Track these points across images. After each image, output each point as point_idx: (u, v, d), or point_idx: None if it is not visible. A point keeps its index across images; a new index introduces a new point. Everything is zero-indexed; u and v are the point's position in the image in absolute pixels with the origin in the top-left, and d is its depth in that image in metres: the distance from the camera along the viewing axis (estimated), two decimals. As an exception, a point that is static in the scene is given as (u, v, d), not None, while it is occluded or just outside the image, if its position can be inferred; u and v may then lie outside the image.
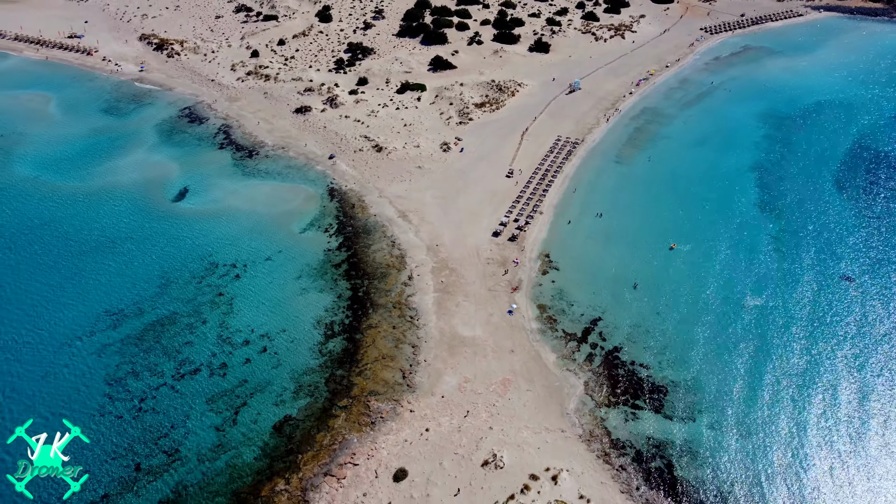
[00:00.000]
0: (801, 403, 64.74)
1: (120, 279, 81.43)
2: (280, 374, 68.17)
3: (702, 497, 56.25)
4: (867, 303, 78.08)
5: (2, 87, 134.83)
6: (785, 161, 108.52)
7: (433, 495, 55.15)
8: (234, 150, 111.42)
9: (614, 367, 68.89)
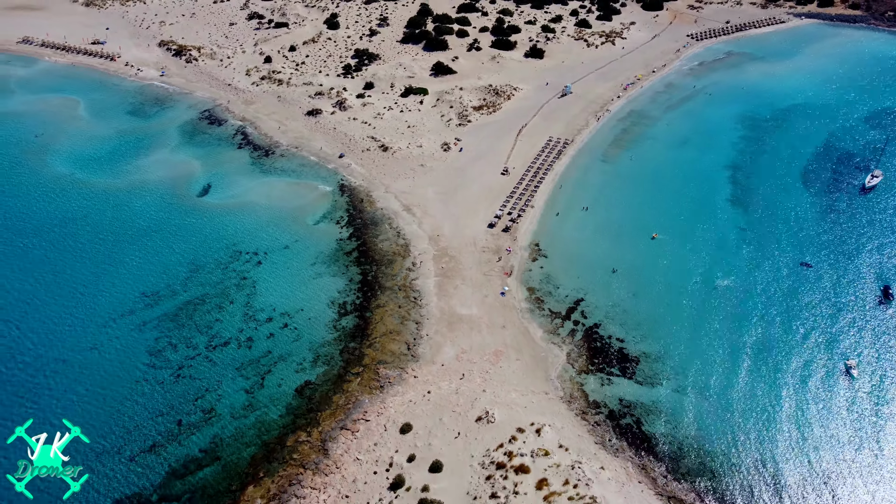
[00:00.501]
0: (753, 371, 73.61)
1: (154, 265, 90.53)
2: (300, 346, 77.31)
3: (663, 448, 65.21)
4: (821, 286, 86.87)
5: (34, 90, 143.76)
6: (757, 160, 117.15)
7: (434, 444, 64.20)
8: (251, 150, 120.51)
9: (593, 341, 77.93)
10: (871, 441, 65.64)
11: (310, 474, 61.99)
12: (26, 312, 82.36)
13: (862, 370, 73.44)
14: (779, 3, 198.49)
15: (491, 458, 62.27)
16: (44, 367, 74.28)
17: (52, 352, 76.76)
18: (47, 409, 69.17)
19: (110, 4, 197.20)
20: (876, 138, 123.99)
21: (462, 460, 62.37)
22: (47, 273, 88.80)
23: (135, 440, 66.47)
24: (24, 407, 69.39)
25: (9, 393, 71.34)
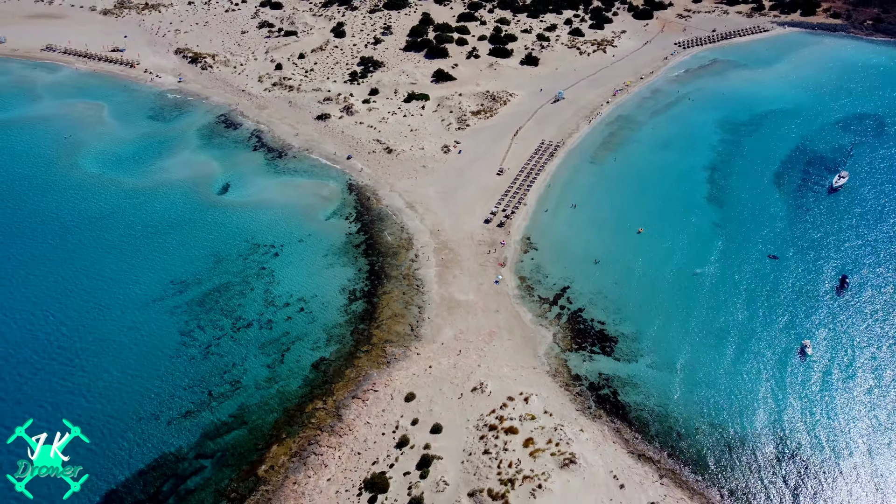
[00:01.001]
0: (718, 350, 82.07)
1: (181, 257, 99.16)
2: (315, 327, 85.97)
3: (636, 414, 73.77)
4: (785, 276, 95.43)
5: (60, 96, 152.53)
6: (734, 161, 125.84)
7: (434, 410, 72.84)
8: (265, 152, 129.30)
9: (577, 323, 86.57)
10: (818, 409, 74.10)
11: (326, 435, 70.64)
12: (69, 298, 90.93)
13: (815, 349, 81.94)
14: (764, 12, 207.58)
15: (484, 421, 70.92)
16: (90, 347, 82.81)
17: (93, 333, 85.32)
18: (83, 385, 77.66)
19: (127, 13, 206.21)
20: (846, 141, 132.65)
21: (459, 423, 71.03)
22: (87, 263, 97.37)
23: (171, 408, 75.01)
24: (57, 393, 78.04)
25: (46, 381, 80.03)
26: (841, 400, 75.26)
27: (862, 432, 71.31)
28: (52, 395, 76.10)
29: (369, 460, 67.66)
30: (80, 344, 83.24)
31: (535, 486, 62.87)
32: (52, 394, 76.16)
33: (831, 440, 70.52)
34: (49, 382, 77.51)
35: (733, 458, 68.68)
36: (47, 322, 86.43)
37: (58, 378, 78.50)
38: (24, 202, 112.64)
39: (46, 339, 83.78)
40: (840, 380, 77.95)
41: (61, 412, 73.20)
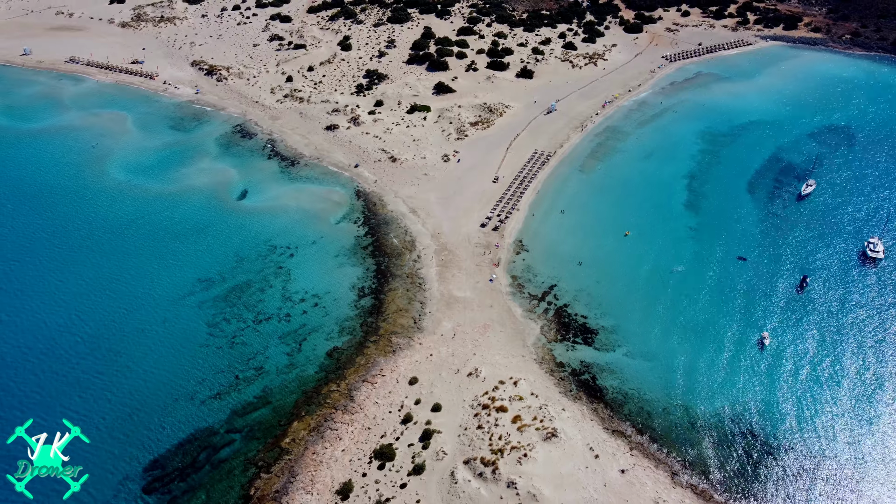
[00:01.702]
0: (687, 341, 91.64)
1: (205, 257, 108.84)
2: (328, 320, 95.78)
3: (612, 396, 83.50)
4: (752, 276, 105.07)
5: (86, 106, 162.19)
6: (711, 170, 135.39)
7: (435, 392, 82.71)
8: (279, 160, 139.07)
9: (562, 317, 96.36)
10: (771, 393, 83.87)
11: (340, 413, 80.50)
12: (105, 295, 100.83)
13: (772, 342, 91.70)
14: (748, 26, 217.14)
15: (478, 401, 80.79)
16: (130, 337, 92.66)
17: (130, 324, 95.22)
18: (126, 370, 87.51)
19: (144, 26, 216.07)
20: (816, 151, 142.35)
21: (456, 403, 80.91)
22: (123, 263, 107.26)
23: (204, 390, 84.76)
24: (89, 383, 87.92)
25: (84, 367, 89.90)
26: (791, 385, 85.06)
27: (807, 411, 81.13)
28: (99, 379, 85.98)
29: (378, 434, 77.57)
30: (121, 335, 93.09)
31: (521, 454, 72.75)
32: (99, 377, 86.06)
33: (781, 418, 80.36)
34: (94, 368, 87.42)
35: (693, 434, 78.49)
36: (91, 316, 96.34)
37: (104, 362, 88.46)
38: (59, 207, 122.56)
39: (91, 332, 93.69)
40: (792, 367, 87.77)
41: (110, 392, 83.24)
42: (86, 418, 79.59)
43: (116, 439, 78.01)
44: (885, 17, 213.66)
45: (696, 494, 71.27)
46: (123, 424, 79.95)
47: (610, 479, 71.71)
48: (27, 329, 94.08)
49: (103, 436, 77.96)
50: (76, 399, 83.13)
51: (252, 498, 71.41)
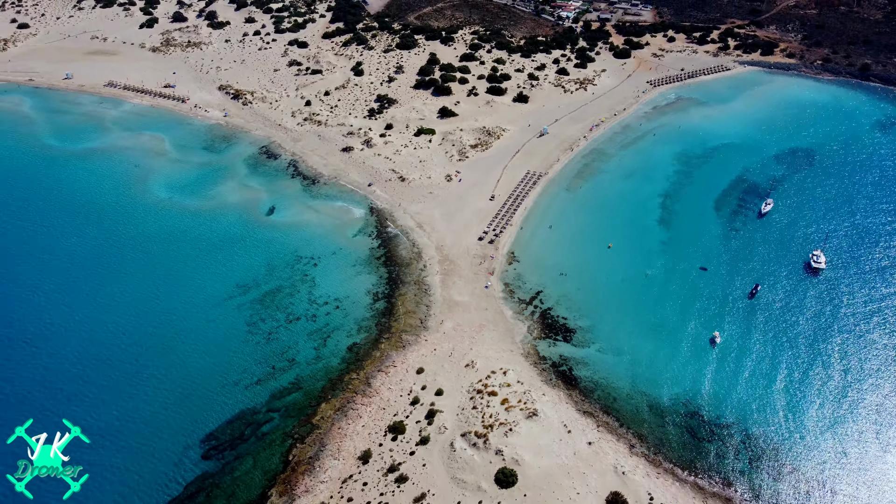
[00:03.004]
0: (650, 339, 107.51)
1: (242, 266, 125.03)
2: (348, 320, 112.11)
3: (585, 384, 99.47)
4: (711, 284, 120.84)
5: (126, 128, 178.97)
6: (684, 189, 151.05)
7: (438, 379, 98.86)
8: (301, 179, 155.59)
9: (546, 319, 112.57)
10: (718, 381, 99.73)
11: (359, 396, 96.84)
12: (157, 300, 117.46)
13: (723, 341, 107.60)
14: (728, 52, 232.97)
15: (474, 387, 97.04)
16: (180, 335, 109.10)
17: (180, 324, 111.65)
18: (181, 364, 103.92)
19: (173, 50, 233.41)
20: (777, 172, 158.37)
21: (455, 388, 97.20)
22: (170, 271, 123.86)
23: (246, 378, 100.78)
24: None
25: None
26: (735, 376, 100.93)
27: (746, 397, 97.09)
28: (159, 370, 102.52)
29: (391, 413, 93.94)
30: (173, 333, 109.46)
31: (507, 429, 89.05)
32: (159, 369, 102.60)
33: (724, 403, 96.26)
34: (153, 362, 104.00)
35: (650, 415, 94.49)
36: (146, 318, 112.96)
37: (161, 355, 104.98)
38: (111, 222, 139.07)
39: (147, 331, 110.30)
40: (737, 361, 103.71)
41: (169, 381, 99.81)
42: (150, 401, 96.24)
43: (177, 417, 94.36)
44: (854, 43, 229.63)
45: (648, 462, 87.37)
46: (181, 406, 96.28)
47: (579, 449, 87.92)
48: (88, 331, 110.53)
49: (169, 413, 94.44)
50: (141, 388, 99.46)
51: (290, 463, 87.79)
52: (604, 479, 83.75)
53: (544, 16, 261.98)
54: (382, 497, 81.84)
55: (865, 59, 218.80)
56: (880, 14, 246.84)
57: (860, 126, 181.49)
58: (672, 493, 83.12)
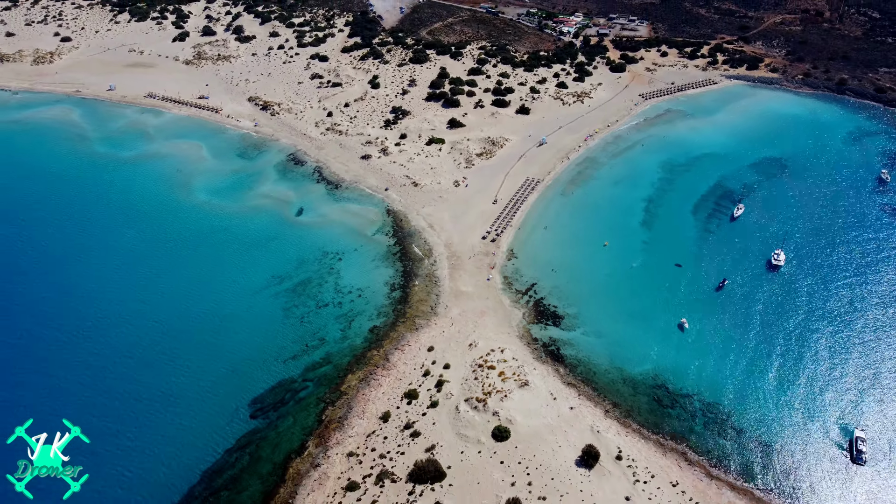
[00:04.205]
0: (629, 324, 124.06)
1: (276, 260, 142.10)
2: (369, 307, 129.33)
3: (570, 361, 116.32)
4: (684, 279, 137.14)
5: (167, 136, 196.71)
6: (666, 195, 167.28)
7: (446, 356, 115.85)
8: (325, 184, 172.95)
9: (539, 307, 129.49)
10: (684, 361, 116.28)
11: (380, 369, 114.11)
12: (207, 289, 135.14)
13: (690, 326, 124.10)
14: (716, 66, 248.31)
15: (476, 362, 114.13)
16: (227, 318, 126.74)
17: (225, 310, 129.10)
18: (230, 341, 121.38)
19: (204, 63, 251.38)
20: (751, 179, 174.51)
21: (461, 363, 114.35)
22: (212, 265, 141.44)
23: (284, 354, 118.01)
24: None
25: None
26: (699, 356, 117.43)
27: (707, 373, 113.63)
28: (209, 350, 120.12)
29: (406, 383, 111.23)
30: (220, 318, 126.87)
31: (503, 396, 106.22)
32: (209, 349, 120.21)
33: (688, 378, 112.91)
34: (205, 341, 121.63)
35: (624, 387, 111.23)
36: (196, 304, 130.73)
37: (212, 335, 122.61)
38: (158, 221, 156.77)
39: (196, 315, 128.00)
40: (701, 344, 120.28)
41: (218, 358, 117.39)
42: (205, 372, 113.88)
43: (228, 386, 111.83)
44: (833, 59, 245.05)
45: (620, 424, 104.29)
46: (231, 377, 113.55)
47: (562, 412, 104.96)
48: (144, 315, 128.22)
49: (222, 383, 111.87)
50: (196, 363, 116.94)
51: (324, 421, 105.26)
52: (581, 435, 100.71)
53: (547, 31, 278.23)
54: (400, 447, 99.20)
55: (843, 74, 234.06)
56: (860, 31, 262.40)
57: (831, 137, 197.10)
58: (638, 448, 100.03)
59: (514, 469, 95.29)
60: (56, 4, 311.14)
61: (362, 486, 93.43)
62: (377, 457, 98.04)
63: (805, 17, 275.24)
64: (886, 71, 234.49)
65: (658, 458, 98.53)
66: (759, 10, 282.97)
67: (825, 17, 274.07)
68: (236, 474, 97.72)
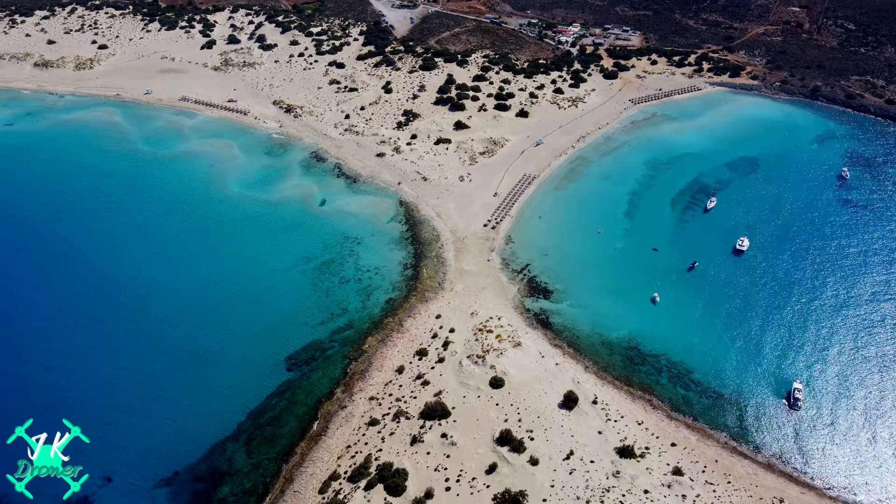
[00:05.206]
0: (609, 297, 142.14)
1: (303, 244, 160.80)
2: (385, 282, 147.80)
3: (556, 327, 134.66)
4: (659, 260, 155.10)
5: (201, 136, 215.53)
6: (648, 190, 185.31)
7: (451, 322, 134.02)
8: (345, 178, 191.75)
9: (531, 283, 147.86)
10: (655, 329, 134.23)
11: (395, 333, 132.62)
12: (245, 266, 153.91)
13: (662, 300, 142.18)
14: (702, 74, 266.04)
15: (477, 327, 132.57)
16: (264, 290, 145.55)
17: (261, 284, 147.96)
18: (270, 311, 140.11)
19: (231, 69, 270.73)
20: (725, 176, 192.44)
21: (464, 328, 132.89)
22: (249, 247, 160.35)
23: (312, 320, 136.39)
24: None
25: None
26: (668, 325, 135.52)
27: (674, 339, 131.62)
28: (249, 316, 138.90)
29: (418, 343, 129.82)
30: (257, 291, 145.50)
31: (499, 353, 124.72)
32: (250, 315, 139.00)
33: (657, 342, 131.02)
34: (245, 310, 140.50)
35: (602, 348, 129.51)
36: (235, 277, 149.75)
37: (252, 305, 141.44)
38: (197, 210, 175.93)
39: (236, 289, 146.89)
40: (671, 315, 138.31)
41: (258, 323, 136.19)
42: (247, 334, 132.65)
43: (267, 345, 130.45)
44: (809, 67, 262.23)
45: (597, 377, 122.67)
46: (269, 338, 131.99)
47: (548, 367, 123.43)
48: (195, 289, 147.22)
49: (261, 343, 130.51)
50: (240, 327, 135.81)
51: (348, 374, 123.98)
52: (564, 385, 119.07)
53: (546, 40, 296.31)
54: (412, 393, 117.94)
55: (817, 82, 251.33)
56: (836, 42, 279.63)
57: (801, 139, 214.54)
58: (611, 395, 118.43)
59: (507, 410, 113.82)
60: (91, 14, 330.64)
61: (382, 422, 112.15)
62: (394, 400, 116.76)
63: (786, 29, 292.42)
64: (857, 79, 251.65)
65: (628, 404, 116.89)
66: (743, 21, 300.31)
67: (804, 29, 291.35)
68: (277, 414, 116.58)
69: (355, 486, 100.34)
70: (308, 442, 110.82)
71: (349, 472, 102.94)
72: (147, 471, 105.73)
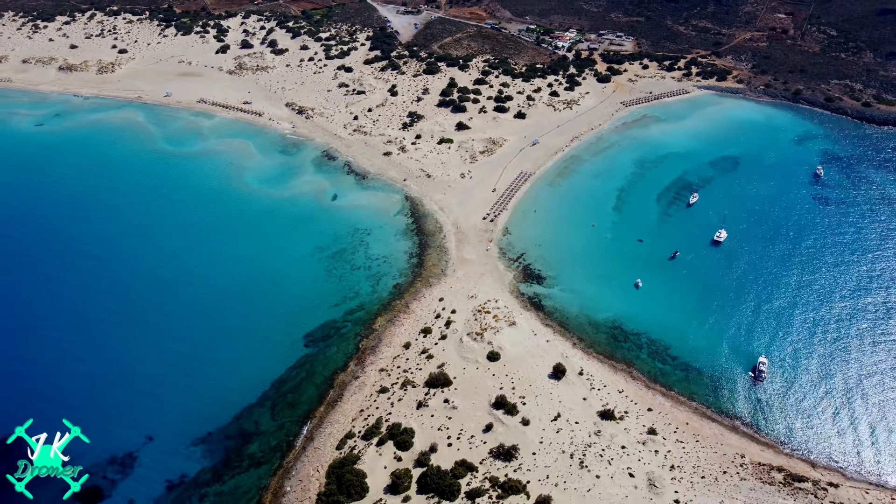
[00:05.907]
0: (595, 282, 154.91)
1: (317, 235, 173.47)
2: (393, 269, 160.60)
3: (548, 309, 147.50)
4: (644, 250, 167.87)
5: (219, 136, 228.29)
6: (635, 186, 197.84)
7: (453, 304, 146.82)
8: (354, 175, 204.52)
9: (526, 270, 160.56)
10: (637, 311, 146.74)
11: (402, 314, 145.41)
12: (265, 255, 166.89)
13: (644, 285, 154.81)
14: (690, 78, 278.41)
15: (476, 308, 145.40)
16: (282, 277, 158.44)
17: (280, 271, 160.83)
18: (289, 293, 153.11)
19: (245, 73, 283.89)
20: (708, 174, 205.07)
21: (465, 309, 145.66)
22: (268, 238, 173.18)
23: (327, 303, 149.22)
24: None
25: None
26: (648, 306, 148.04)
27: (655, 319, 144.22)
28: (269, 298, 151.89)
29: (422, 322, 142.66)
30: (277, 276, 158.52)
31: (495, 331, 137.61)
32: (270, 298, 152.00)
33: (639, 321, 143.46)
34: (264, 292, 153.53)
35: (589, 327, 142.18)
36: (256, 265, 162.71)
37: (270, 288, 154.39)
38: (217, 205, 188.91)
39: (256, 274, 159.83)
40: (651, 298, 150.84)
41: (277, 306, 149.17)
42: (267, 314, 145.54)
43: (287, 325, 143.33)
44: (792, 71, 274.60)
45: (583, 352, 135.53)
46: (289, 318, 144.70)
47: (540, 343, 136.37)
48: (221, 275, 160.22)
49: (281, 323, 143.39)
50: (260, 309, 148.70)
51: (360, 349, 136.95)
52: (554, 359, 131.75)
53: (543, 45, 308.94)
54: (418, 365, 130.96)
55: (799, 86, 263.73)
56: (818, 47, 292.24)
57: (781, 139, 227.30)
58: (596, 368, 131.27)
59: (502, 379, 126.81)
60: (109, 19, 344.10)
61: (391, 390, 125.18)
62: (401, 371, 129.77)
63: (772, 35, 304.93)
64: (837, 82, 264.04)
65: (610, 375, 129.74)
66: (731, 27, 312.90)
67: (789, 35, 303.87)
68: (297, 384, 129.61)
69: (368, 442, 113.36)
70: (326, 407, 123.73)
71: (363, 432, 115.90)
72: (185, 432, 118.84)
